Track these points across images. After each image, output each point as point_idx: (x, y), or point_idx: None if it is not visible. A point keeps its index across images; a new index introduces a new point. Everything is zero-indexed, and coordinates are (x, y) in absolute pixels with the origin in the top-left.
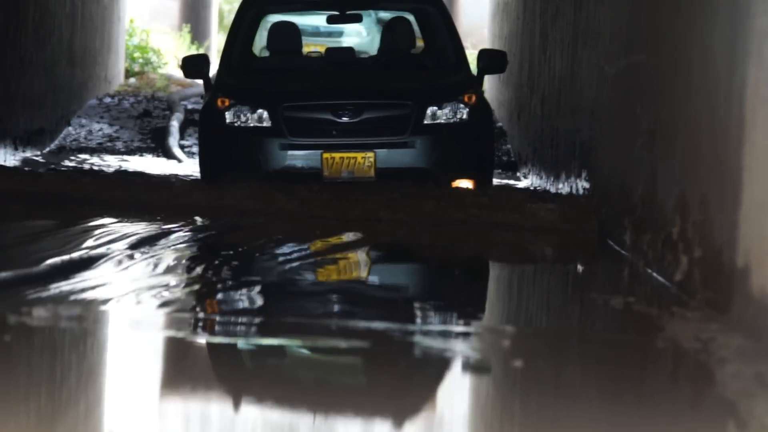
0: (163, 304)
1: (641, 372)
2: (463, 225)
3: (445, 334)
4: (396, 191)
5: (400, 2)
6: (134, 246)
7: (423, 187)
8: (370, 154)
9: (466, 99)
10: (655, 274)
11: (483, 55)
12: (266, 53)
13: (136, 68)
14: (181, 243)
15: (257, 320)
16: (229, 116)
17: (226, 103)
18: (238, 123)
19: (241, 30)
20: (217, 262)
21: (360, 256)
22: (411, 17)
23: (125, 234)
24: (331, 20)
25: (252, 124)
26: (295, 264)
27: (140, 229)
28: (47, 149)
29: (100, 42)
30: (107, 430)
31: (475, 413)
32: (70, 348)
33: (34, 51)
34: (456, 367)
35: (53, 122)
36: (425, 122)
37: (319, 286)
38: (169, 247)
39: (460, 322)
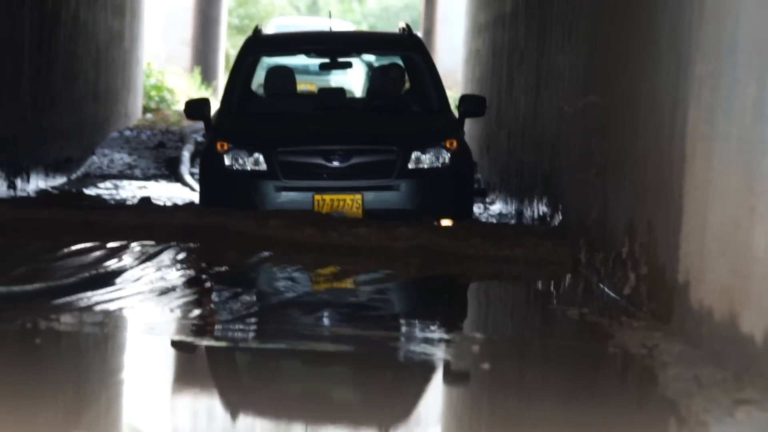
0: (174, 312)
1: (594, 374)
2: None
3: (426, 341)
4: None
5: (388, 49)
6: (147, 261)
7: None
8: (358, 196)
9: (447, 144)
10: (606, 289)
11: (464, 100)
12: (263, 93)
13: (153, 105)
14: (185, 260)
15: (256, 326)
16: (227, 159)
17: (225, 147)
18: (236, 166)
19: (239, 74)
20: (220, 275)
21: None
22: (399, 62)
23: (141, 252)
24: (323, 67)
25: (249, 167)
26: (290, 281)
27: (151, 249)
28: (74, 176)
29: (121, 82)
30: (125, 422)
31: (447, 408)
32: (92, 350)
33: (64, 90)
34: (432, 368)
35: (79, 152)
36: (410, 166)
37: (312, 296)
38: (177, 263)
39: (438, 330)
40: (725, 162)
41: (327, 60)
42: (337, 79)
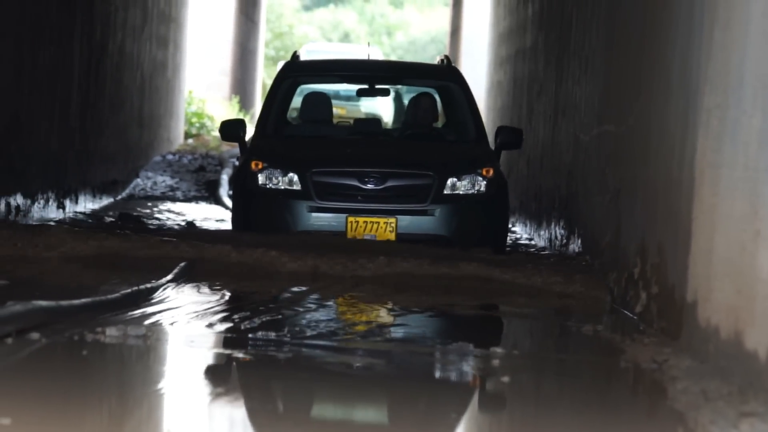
0: (211, 326)
1: (606, 387)
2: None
3: (449, 353)
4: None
5: (425, 78)
6: (184, 281)
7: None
8: (392, 220)
9: (484, 172)
10: (619, 307)
11: (502, 131)
12: (299, 120)
13: (194, 131)
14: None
15: (288, 339)
16: (261, 178)
17: (260, 166)
18: (270, 185)
19: (276, 98)
20: (253, 295)
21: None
22: (435, 92)
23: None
24: (360, 93)
25: (282, 187)
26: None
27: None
28: (119, 197)
29: (164, 109)
30: (166, 429)
31: (469, 419)
32: (135, 361)
33: (110, 116)
34: (456, 380)
35: (125, 175)
36: (445, 192)
37: (341, 317)
38: (210, 281)
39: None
40: (731, 188)
41: (365, 86)
42: (366, 104)
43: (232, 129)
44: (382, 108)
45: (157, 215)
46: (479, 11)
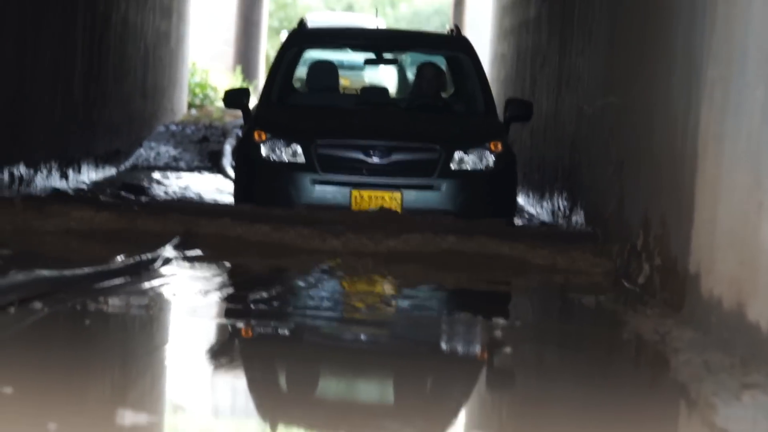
0: (215, 296)
1: (609, 358)
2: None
3: (453, 322)
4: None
5: (434, 47)
6: (185, 251)
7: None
8: (397, 194)
9: (492, 146)
10: (622, 278)
11: (511, 104)
12: (305, 88)
13: (197, 102)
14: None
15: (288, 309)
16: (264, 149)
17: (263, 137)
18: (273, 156)
19: (282, 66)
20: (253, 264)
21: None
22: (443, 62)
23: (180, 242)
24: (368, 62)
25: (286, 158)
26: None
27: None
28: (122, 167)
29: (167, 80)
30: (169, 397)
31: (471, 389)
32: (139, 330)
33: (114, 86)
34: (458, 350)
35: (128, 145)
36: (452, 167)
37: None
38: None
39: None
40: (735, 160)
41: (372, 56)
42: (370, 75)
43: (236, 97)
44: (387, 79)
45: (159, 185)
46: None
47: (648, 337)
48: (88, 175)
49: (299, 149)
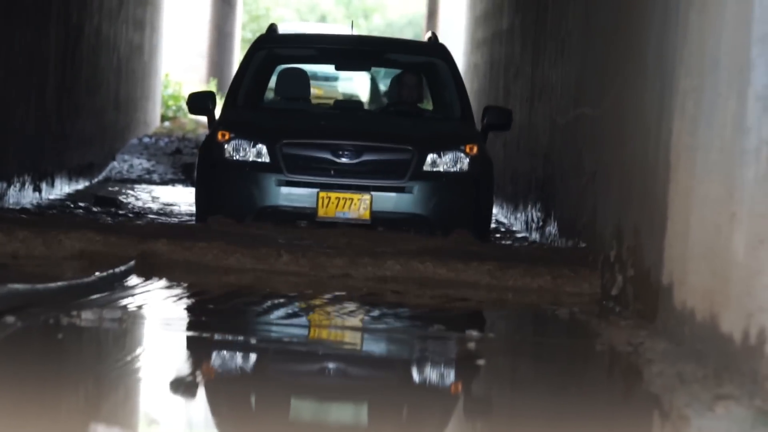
0: (186, 310)
1: (583, 369)
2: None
3: (426, 338)
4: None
5: (410, 54)
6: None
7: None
8: (367, 197)
9: (467, 149)
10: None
11: (488, 111)
12: (273, 96)
13: (170, 114)
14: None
15: (256, 320)
16: (228, 150)
17: (226, 137)
18: (237, 157)
19: (248, 70)
20: (223, 280)
21: None
22: (420, 69)
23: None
24: (340, 67)
25: (250, 159)
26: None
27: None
28: (96, 180)
29: (140, 92)
30: (143, 411)
31: (446, 401)
32: (112, 344)
33: (87, 99)
34: (433, 363)
35: (101, 157)
36: (425, 169)
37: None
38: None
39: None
40: (707, 171)
41: (344, 60)
42: (344, 85)
43: (200, 101)
44: (361, 90)
45: (132, 198)
46: None
47: (621, 349)
48: (62, 188)
49: (264, 149)
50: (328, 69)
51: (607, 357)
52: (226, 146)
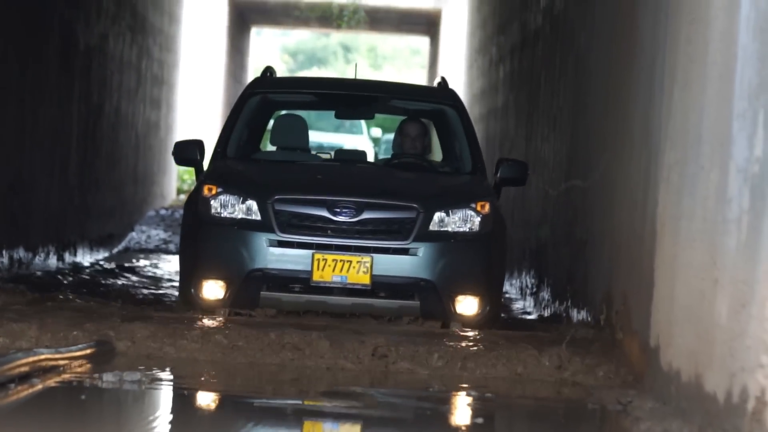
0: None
1: (575, 427)
2: None
3: (423, 398)
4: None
5: (418, 100)
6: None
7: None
8: (367, 259)
9: (478, 207)
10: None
11: (502, 164)
12: (268, 145)
13: (185, 187)
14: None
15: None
16: (215, 205)
17: (213, 191)
18: (224, 214)
19: (240, 116)
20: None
21: None
22: (428, 117)
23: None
24: (340, 115)
25: (239, 216)
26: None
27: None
28: (115, 250)
29: (157, 166)
30: None
31: None
32: (132, 404)
33: (107, 173)
34: (430, 421)
35: (120, 229)
36: (431, 228)
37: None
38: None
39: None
40: (691, 239)
41: (345, 107)
42: (343, 139)
43: (186, 151)
44: (363, 145)
45: (150, 267)
46: (454, 74)
47: (611, 407)
48: (83, 257)
49: (254, 205)
50: (326, 118)
51: (598, 415)
52: (212, 202)
